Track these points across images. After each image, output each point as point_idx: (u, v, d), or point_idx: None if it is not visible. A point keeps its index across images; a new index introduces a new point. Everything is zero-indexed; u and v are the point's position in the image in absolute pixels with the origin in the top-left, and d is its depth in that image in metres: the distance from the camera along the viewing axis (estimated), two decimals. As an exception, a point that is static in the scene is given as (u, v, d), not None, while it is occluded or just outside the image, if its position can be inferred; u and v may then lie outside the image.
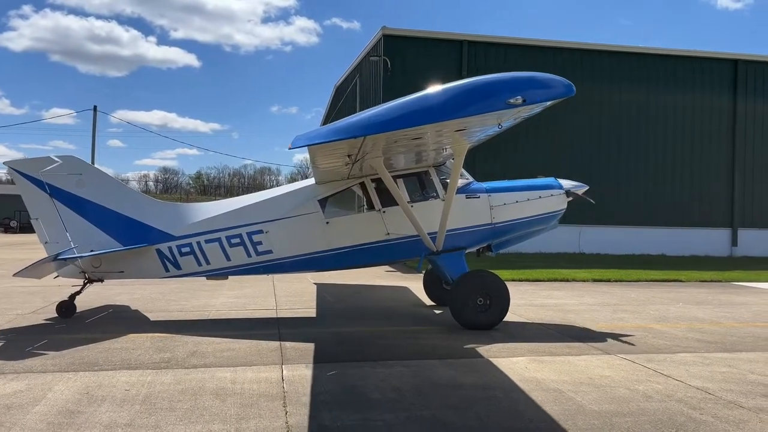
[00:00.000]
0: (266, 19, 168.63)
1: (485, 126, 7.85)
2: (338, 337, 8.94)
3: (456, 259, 10.11)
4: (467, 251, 10.54)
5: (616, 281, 17.09)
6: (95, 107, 42.57)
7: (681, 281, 17.44)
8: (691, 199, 27.53)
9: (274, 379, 6.66)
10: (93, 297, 11.17)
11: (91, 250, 9.83)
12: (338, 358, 7.64)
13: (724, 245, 27.86)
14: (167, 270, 10.00)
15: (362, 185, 10.30)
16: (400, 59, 25.07)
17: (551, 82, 5.83)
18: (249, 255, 9.95)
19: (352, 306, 11.91)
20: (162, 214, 10.20)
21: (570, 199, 10.95)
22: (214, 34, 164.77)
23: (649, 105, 27.22)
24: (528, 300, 12.70)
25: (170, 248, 9.95)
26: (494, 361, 7.59)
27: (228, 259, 9.94)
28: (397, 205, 9.75)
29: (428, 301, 12.07)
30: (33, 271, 9.65)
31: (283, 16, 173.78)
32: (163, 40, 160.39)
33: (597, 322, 10.45)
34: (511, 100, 5.62)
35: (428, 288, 12.11)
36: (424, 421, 5.41)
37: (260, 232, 9.93)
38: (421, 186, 10.47)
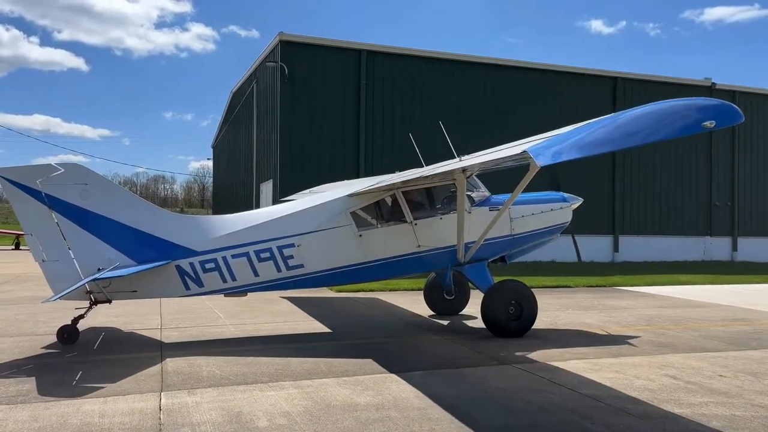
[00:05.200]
0: (160, 24, 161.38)
1: None
2: (229, 357, 8.33)
3: (482, 269, 10.51)
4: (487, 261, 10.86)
5: (510, 288, 17.46)
6: (-38, 108, 38.58)
7: (570, 287, 18.18)
8: (578, 208, 28.97)
9: (150, 410, 6.02)
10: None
11: (99, 269, 8.71)
12: (226, 381, 7.08)
13: (607, 251, 29.62)
14: (188, 288, 9.19)
15: (392, 197, 10.26)
16: (298, 66, 24.60)
17: (732, 108, 5.80)
18: (279, 270, 9.47)
19: (248, 322, 11.28)
20: (179, 228, 9.35)
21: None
22: (103, 36, 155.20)
23: (537, 119, 28.38)
24: (422, 309, 12.62)
25: (192, 264, 9.14)
26: (389, 376, 7.35)
27: (256, 274, 9.37)
28: (428, 217, 10.25)
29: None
30: (68, 296, 8.50)
31: (178, 22, 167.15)
32: (47, 41, 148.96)
33: (493, 331, 10.50)
34: (706, 124, 5.56)
35: (428, 297, 12.35)
36: (315, 449, 5.04)
37: (291, 245, 9.51)
38: (449, 198, 10.54)
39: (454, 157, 9.66)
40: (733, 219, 31.91)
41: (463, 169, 8.97)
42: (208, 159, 70.67)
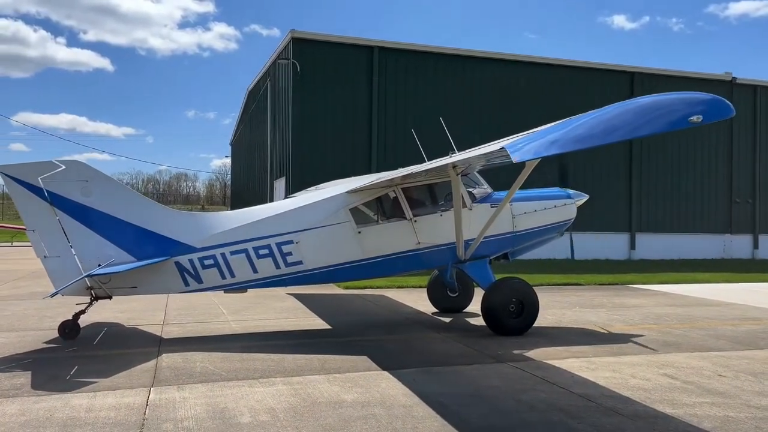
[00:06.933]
0: (184, 24, 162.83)
1: None
2: (225, 353, 8.36)
3: (483, 267, 10.41)
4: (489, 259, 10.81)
5: (520, 286, 17.27)
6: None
7: (581, 284, 17.94)
8: (594, 206, 28.53)
9: (136, 405, 6.05)
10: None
11: (98, 264, 8.86)
12: (217, 377, 7.10)
13: (624, 249, 29.18)
14: (187, 284, 9.28)
15: (392, 194, 10.24)
16: (311, 63, 24.58)
17: (721, 103, 5.71)
18: (278, 266, 9.51)
19: (250, 318, 11.33)
20: (179, 225, 9.45)
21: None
22: (128, 37, 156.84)
23: (553, 115, 28.03)
24: (427, 306, 12.54)
25: (191, 261, 9.23)
26: (381, 373, 7.29)
27: (255, 271, 9.43)
28: (428, 214, 10.21)
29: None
30: (67, 291, 8.72)
31: (201, 21, 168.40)
32: (73, 41, 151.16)
33: (494, 329, 10.39)
34: (693, 119, 5.49)
35: (431, 294, 12.31)
36: (293, 446, 5.02)
37: (290, 242, 9.54)
38: (450, 195, 10.47)
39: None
40: (754, 216, 31.17)
41: (453, 165, 8.85)
42: (226, 157, 71.28)
